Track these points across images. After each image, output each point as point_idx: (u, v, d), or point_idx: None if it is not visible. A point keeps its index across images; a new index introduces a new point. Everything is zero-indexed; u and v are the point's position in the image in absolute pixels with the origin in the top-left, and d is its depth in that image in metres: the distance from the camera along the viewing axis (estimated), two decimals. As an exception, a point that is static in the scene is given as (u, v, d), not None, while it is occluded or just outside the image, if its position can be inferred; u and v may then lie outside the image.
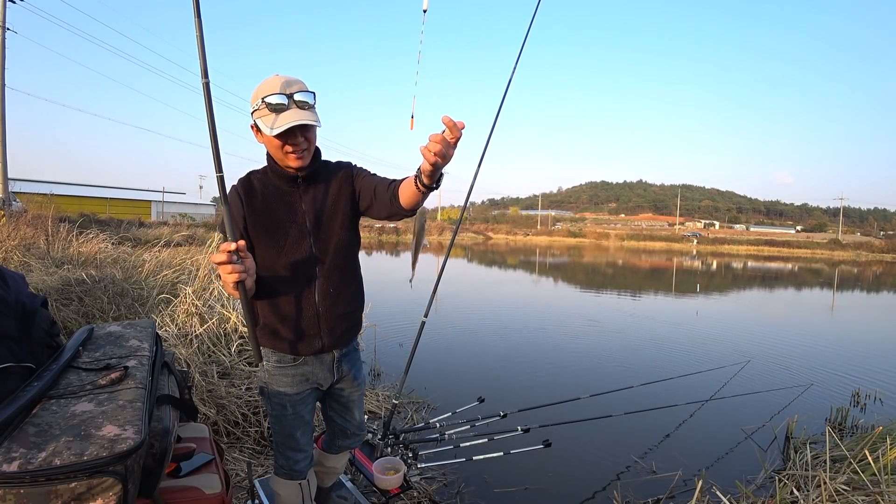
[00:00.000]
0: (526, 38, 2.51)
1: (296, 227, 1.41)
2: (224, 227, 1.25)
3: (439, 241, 34.77)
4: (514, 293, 11.66)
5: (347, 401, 1.66)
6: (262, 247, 1.39)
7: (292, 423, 1.50)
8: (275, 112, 1.28)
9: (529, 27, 2.51)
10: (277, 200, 1.41)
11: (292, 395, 1.48)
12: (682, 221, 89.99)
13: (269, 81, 1.31)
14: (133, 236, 13.16)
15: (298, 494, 1.57)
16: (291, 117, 1.28)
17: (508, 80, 2.49)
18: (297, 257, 1.41)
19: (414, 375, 3.49)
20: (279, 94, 1.28)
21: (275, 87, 1.29)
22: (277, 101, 1.27)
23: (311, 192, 1.43)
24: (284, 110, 1.28)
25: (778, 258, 36.50)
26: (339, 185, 1.47)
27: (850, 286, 17.60)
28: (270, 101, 1.28)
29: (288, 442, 1.52)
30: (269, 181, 1.42)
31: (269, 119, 1.29)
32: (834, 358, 6.31)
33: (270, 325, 1.44)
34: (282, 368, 1.47)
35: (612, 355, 5.79)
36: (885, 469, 2.17)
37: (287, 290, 1.42)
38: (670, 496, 2.60)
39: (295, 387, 1.48)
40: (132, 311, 4.39)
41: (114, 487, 0.91)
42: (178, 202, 46.27)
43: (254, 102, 1.32)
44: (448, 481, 2.67)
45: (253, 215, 1.38)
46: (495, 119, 2.54)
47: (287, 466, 1.55)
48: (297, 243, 1.41)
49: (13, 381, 1.10)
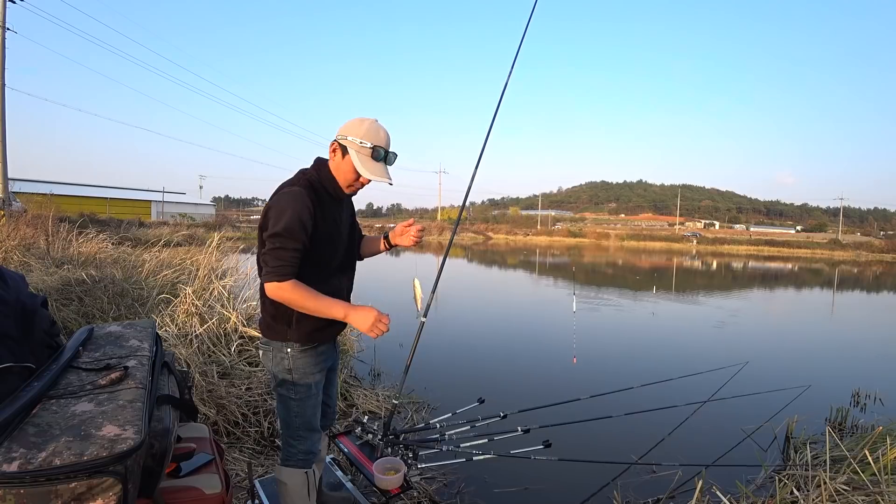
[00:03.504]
0: (523, 38, 2.51)
1: (340, 235, 1.67)
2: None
3: (439, 241, 34.76)
4: (513, 293, 11.66)
5: (332, 376, 1.88)
6: (322, 248, 1.57)
7: (315, 404, 1.67)
8: (374, 159, 1.53)
9: (527, 27, 2.51)
10: (333, 212, 1.63)
11: (318, 378, 1.67)
12: (682, 221, 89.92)
13: (377, 129, 1.54)
14: (133, 236, 13.16)
15: (305, 484, 1.66)
16: (384, 172, 1.55)
17: (506, 81, 2.49)
18: (342, 259, 1.69)
19: (414, 375, 3.48)
20: (386, 148, 1.55)
21: (382, 139, 1.54)
22: (384, 154, 1.55)
23: (346, 208, 1.72)
24: (380, 161, 1.54)
25: (778, 258, 36.50)
26: (352, 208, 1.79)
27: (850, 286, 17.61)
28: (379, 152, 1.53)
29: (307, 423, 1.66)
30: (324, 195, 1.59)
31: (368, 162, 1.52)
32: (834, 358, 6.31)
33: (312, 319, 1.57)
34: (311, 354, 1.64)
35: (612, 355, 5.79)
36: (885, 469, 2.18)
37: (331, 286, 1.63)
38: (670, 496, 2.60)
39: (319, 369, 1.67)
40: (132, 311, 4.39)
41: (114, 487, 0.91)
42: (178, 202, 46.31)
43: (357, 137, 1.52)
44: (448, 481, 2.67)
45: (319, 221, 1.54)
46: (493, 119, 2.54)
47: (304, 450, 1.67)
48: (343, 248, 1.68)
49: (13, 381, 1.10)
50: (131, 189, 47.22)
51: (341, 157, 1.54)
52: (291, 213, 1.44)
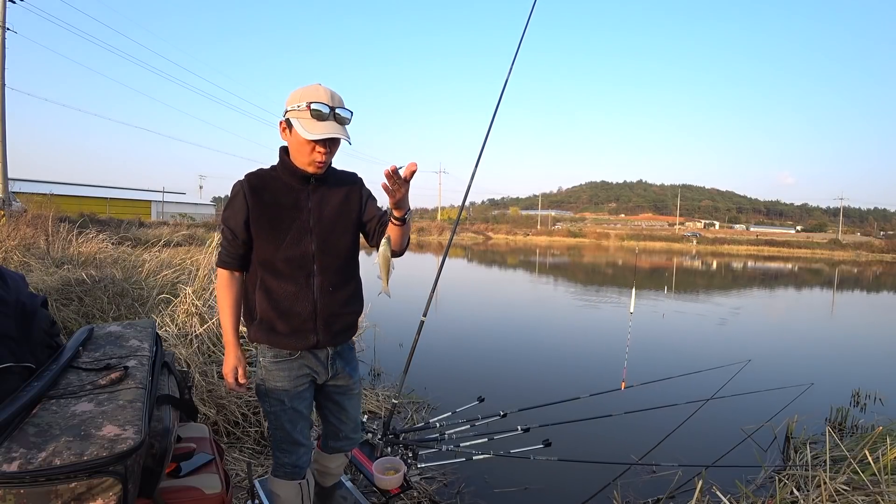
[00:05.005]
0: (522, 37, 2.51)
1: (298, 223, 1.45)
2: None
3: (439, 241, 34.76)
4: (513, 293, 11.66)
5: (342, 399, 1.66)
6: (261, 240, 1.44)
7: (291, 418, 1.52)
8: (316, 119, 1.35)
9: (526, 26, 2.51)
10: (286, 196, 1.46)
11: (289, 391, 1.50)
12: (682, 221, 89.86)
13: (314, 89, 1.38)
14: (133, 236, 13.15)
15: (298, 495, 1.57)
16: (330, 129, 1.35)
17: (506, 79, 2.49)
18: (296, 253, 1.45)
19: (414, 375, 3.48)
20: (325, 104, 1.36)
21: (321, 96, 1.36)
22: (322, 109, 1.35)
23: (319, 193, 1.49)
24: (325, 119, 1.36)
25: (778, 258, 36.50)
26: (347, 193, 1.54)
27: (850, 286, 17.61)
28: (315, 108, 1.35)
29: (288, 437, 1.53)
30: (280, 178, 1.47)
31: (309, 124, 1.35)
32: (834, 358, 6.31)
33: (268, 320, 1.47)
34: (278, 363, 1.50)
35: (611, 354, 5.79)
36: (885, 469, 2.18)
37: (285, 285, 1.45)
38: (670, 496, 2.60)
39: (291, 381, 1.50)
40: (132, 311, 4.39)
41: (114, 487, 0.91)
42: (178, 202, 46.30)
43: (294, 103, 1.38)
44: (448, 481, 2.67)
45: (258, 209, 1.43)
46: (492, 119, 2.54)
47: (289, 463, 1.55)
48: (298, 240, 1.45)
49: (13, 381, 1.10)
50: (131, 189, 47.22)
51: (289, 133, 1.42)
52: (226, 205, 1.49)
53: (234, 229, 1.44)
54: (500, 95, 2.53)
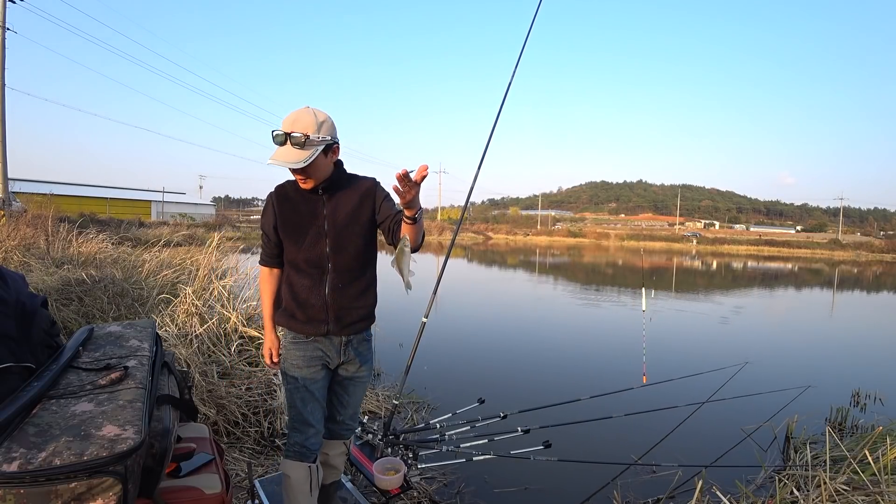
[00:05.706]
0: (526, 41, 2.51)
1: (315, 228, 1.63)
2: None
3: (439, 241, 34.77)
4: (514, 293, 11.66)
5: (348, 384, 1.79)
6: (287, 242, 1.66)
7: (303, 397, 1.67)
8: (276, 144, 1.49)
9: (529, 29, 2.51)
10: (304, 205, 1.64)
11: (304, 370, 1.66)
12: (682, 221, 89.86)
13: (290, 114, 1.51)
14: (133, 236, 13.16)
15: (307, 478, 1.66)
16: (281, 156, 1.47)
17: (509, 82, 2.49)
18: (313, 254, 1.63)
19: (414, 376, 3.49)
20: (279, 130, 1.48)
21: (283, 122, 1.49)
22: (277, 135, 1.48)
23: (333, 200, 1.65)
24: (282, 145, 1.48)
25: (778, 258, 36.50)
26: (360, 198, 1.67)
27: (849, 286, 17.61)
28: (273, 135, 1.48)
29: (299, 416, 1.67)
30: (294, 193, 1.66)
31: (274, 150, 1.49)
32: (834, 358, 6.32)
33: (289, 308, 1.68)
34: (296, 344, 1.68)
35: (612, 356, 5.79)
36: (885, 469, 2.18)
37: (304, 280, 1.65)
38: (670, 496, 2.60)
39: (306, 362, 1.66)
40: (132, 311, 4.39)
41: (114, 487, 0.91)
42: (178, 202, 46.29)
43: None
44: (448, 481, 2.67)
45: (283, 216, 1.64)
46: (495, 121, 2.54)
47: (298, 443, 1.67)
48: (315, 243, 1.63)
49: (13, 381, 1.10)
50: (131, 189, 47.20)
51: None
52: (262, 213, 1.72)
53: (267, 233, 1.68)
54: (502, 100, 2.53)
